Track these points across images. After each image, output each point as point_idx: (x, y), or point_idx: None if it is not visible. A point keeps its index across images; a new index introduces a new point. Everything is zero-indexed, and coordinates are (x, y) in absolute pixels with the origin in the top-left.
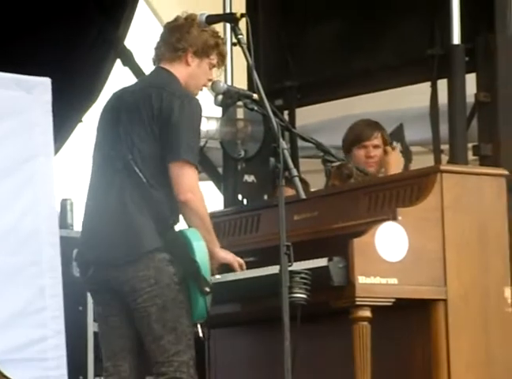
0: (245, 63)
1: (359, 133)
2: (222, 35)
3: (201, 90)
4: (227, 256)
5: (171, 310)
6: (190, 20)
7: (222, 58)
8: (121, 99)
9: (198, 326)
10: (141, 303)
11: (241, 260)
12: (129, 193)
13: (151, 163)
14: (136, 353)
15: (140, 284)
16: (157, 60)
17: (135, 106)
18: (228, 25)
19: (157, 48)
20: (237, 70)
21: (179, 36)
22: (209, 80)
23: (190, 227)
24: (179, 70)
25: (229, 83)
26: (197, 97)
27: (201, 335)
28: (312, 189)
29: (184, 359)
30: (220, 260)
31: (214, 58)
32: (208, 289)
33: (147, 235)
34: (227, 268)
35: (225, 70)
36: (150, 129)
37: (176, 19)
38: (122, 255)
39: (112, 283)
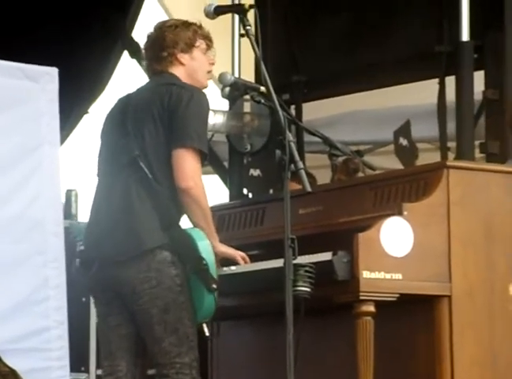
0: (252, 56)
1: None
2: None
3: (210, 77)
4: (227, 250)
5: (173, 312)
6: (158, 29)
7: (207, 38)
8: (127, 100)
9: (204, 325)
10: (142, 305)
11: (243, 254)
12: (135, 189)
13: (160, 158)
14: (134, 352)
15: (141, 286)
16: (154, 74)
17: (145, 103)
18: (236, 16)
19: (148, 66)
20: (244, 63)
21: (159, 47)
22: (211, 63)
23: (189, 217)
24: (178, 72)
25: (236, 75)
26: (204, 92)
27: (207, 334)
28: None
29: (186, 361)
30: (220, 254)
31: (201, 43)
32: (215, 286)
33: (149, 233)
34: (230, 262)
35: (232, 63)
36: (161, 124)
37: (147, 37)
38: (124, 252)
39: (113, 282)
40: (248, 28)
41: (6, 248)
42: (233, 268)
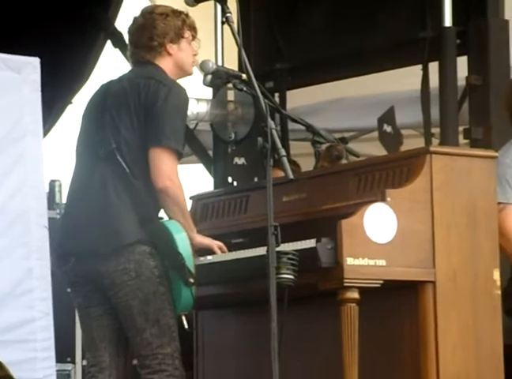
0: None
1: None
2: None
3: (193, 67)
4: (204, 240)
5: (153, 303)
6: (147, 15)
7: (193, 29)
8: (108, 88)
9: (183, 318)
10: (123, 297)
11: (220, 243)
12: (112, 183)
13: (136, 152)
14: (116, 343)
15: (120, 278)
16: (138, 62)
17: (122, 94)
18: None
19: (134, 54)
20: (230, 51)
21: (149, 35)
22: (195, 54)
23: (167, 214)
24: (165, 63)
25: (220, 63)
26: (184, 87)
27: (186, 326)
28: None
29: (168, 351)
30: (197, 245)
31: (188, 35)
32: (192, 280)
33: (127, 227)
34: (207, 251)
35: (215, 50)
36: (136, 118)
37: (134, 21)
38: (102, 246)
39: (92, 275)
40: (228, 15)
41: None
42: (215, 256)
